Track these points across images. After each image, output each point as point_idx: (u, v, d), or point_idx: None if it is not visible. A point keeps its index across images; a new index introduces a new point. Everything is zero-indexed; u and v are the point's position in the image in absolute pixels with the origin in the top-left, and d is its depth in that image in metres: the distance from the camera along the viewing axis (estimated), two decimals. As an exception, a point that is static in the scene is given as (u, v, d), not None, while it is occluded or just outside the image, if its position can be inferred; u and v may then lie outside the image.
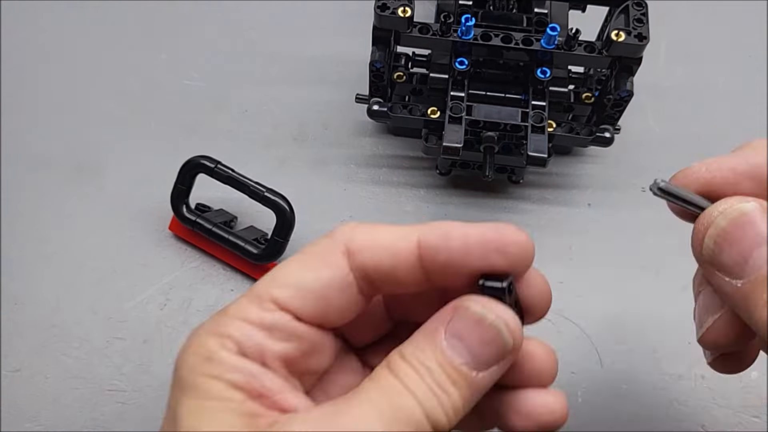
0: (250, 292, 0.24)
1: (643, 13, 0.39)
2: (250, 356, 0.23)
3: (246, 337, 0.23)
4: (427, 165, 0.48)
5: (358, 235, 0.24)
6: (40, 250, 0.44)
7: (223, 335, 0.23)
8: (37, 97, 0.50)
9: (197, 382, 0.23)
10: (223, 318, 0.24)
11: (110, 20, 0.53)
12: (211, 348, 0.23)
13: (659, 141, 0.50)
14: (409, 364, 0.23)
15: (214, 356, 0.23)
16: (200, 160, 0.41)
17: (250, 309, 0.24)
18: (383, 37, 0.40)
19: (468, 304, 0.23)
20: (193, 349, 0.23)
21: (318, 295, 0.24)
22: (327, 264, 0.24)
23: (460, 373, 0.23)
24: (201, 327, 0.24)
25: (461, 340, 0.23)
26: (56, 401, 0.39)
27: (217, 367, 0.23)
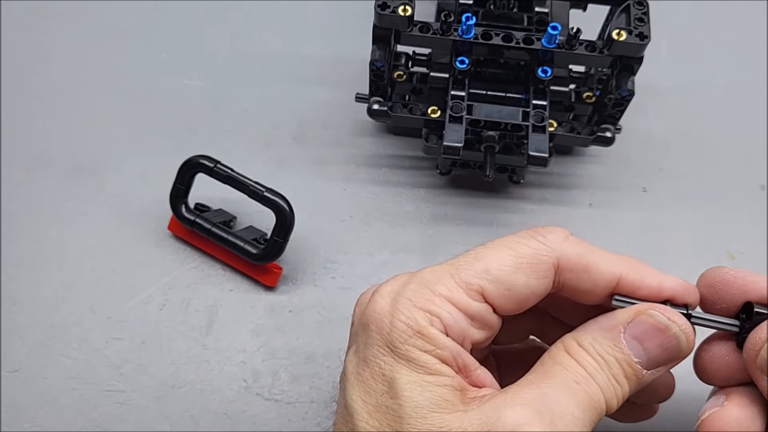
0: (456, 273, 0.26)
1: (644, 13, 0.39)
2: (453, 337, 0.26)
3: (453, 321, 0.26)
4: (427, 165, 0.48)
5: (571, 252, 0.27)
6: (38, 250, 0.43)
7: (432, 313, 0.25)
8: (37, 97, 0.50)
9: (412, 355, 0.25)
10: (429, 293, 0.26)
11: (110, 20, 0.53)
12: (422, 323, 0.25)
13: (660, 141, 0.50)
14: (588, 353, 0.25)
15: (425, 332, 0.25)
16: (199, 160, 0.41)
17: (459, 293, 0.26)
18: (383, 36, 0.40)
19: (652, 313, 0.26)
20: (404, 320, 0.25)
21: (522, 298, 0.26)
22: (539, 273, 0.26)
23: (634, 369, 0.26)
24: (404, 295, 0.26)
25: (640, 342, 0.26)
26: (55, 401, 0.39)
27: (429, 344, 0.25)
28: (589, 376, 0.25)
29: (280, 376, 0.40)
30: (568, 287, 0.27)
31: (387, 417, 0.25)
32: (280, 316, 0.42)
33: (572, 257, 0.27)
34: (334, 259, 0.44)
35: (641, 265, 0.27)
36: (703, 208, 0.47)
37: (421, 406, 0.24)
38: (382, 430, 0.25)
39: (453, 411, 0.24)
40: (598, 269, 0.27)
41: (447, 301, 0.26)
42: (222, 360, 0.40)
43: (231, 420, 0.39)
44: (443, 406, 0.25)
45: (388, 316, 0.26)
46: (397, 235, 0.45)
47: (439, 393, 0.25)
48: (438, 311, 0.26)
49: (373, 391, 0.26)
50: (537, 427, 0.23)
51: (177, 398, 0.39)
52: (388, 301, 0.26)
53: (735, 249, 0.45)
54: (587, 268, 0.27)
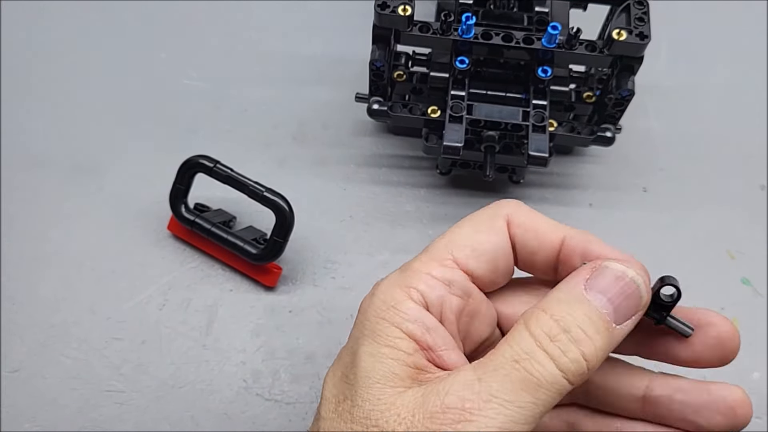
0: (429, 253, 0.28)
1: (645, 12, 0.39)
2: (432, 308, 0.27)
3: (430, 288, 0.27)
4: (427, 165, 0.48)
5: (520, 212, 0.28)
6: (38, 250, 0.43)
7: (410, 286, 0.27)
8: (37, 97, 0.50)
9: (379, 327, 0.26)
10: (408, 272, 0.27)
11: (110, 20, 0.53)
12: (398, 298, 0.26)
13: (661, 140, 0.50)
14: (552, 317, 0.25)
15: (399, 305, 0.26)
16: (199, 160, 0.41)
17: (433, 265, 0.27)
18: (383, 36, 0.40)
19: (608, 264, 0.26)
20: (381, 297, 0.27)
21: (489, 257, 0.28)
22: (494, 229, 0.28)
23: (605, 321, 0.25)
24: (387, 280, 0.27)
25: (603, 294, 0.25)
26: (55, 402, 0.39)
27: (399, 315, 0.26)
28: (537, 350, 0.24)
29: (280, 376, 0.40)
30: (519, 246, 0.28)
31: (344, 386, 0.26)
32: (280, 316, 0.42)
33: (522, 216, 0.28)
34: (334, 259, 0.44)
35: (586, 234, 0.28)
36: (703, 208, 0.47)
37: (370, 376, 0.25)
38: (339, 398, 0.26)
39: (396, 386, 0.25)
40: (543, 228, 0.28)
41: (424, 273, 0.27)
42: (222, 360, 0.40)
43: (231, 420, 0.39)
44: (390, 380, 0.25)
45: (369, 298, 0.27)
46: (397, 235, 0.45)
47: (390, 366, 0.25)
48: (414, 283, 0.27)
49: (342, 364, 0.27)
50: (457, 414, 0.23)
51: (177, 398, 0.39)
52: (376, 290, 0.28)
53: (735, 249, 0.45)
54: (533, 226, 0.28)
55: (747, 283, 0.44)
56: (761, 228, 0.46)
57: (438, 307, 0.27)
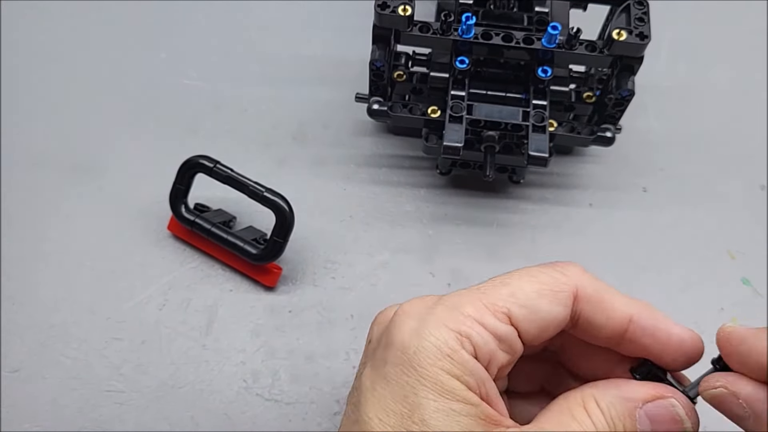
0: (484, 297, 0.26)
1: (645, 12, 0.39)
2: (480, 361, 0.25)
3: (483, 342, 0.25)
4: (427, 165, 0.48)
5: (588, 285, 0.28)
6: (38, 250, 0.43)
7: (462, 334, 0.25)
8: (36, 97, 0.50)
9: (439, 379, 0.24)
10: (459, 315, 0.26)
11: (110, 20, 0.53)
12: (453, 346, 0.25)
13: (661, 140, 0.50)
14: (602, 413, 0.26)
15: (455, 355, 0.25)
16: (199, 160, 0.41)
17: (487, 315, 0.26)
18: (383, 36, 0.40)
19: (674, 402, 0.27)
20: (433, 342, 0.25)
21: (545, 324, 0.27)
22: (560, 300, 0.27)
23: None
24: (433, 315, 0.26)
25: (652, 423, 0.26)
26: (55, 402, 0.39)
27: (458, 367, 0.25)
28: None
29: (280, 376, 0.40)
30: (583, 319, 0.28)
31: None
32: (279, 316, 0.42)
33: (589, 289, 0.28)
34: (334, 259, 0.44)
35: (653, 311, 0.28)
36: (703, 208, 0.47)
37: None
38: None
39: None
40: (612, 305, 0.28)
41: (477, 322, 0.26)
42: (222, 360, 0.40)
43: (231, 420, 0.39)
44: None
45: (416, 337, 0.25)
46: (397, 235, 0.45)
47: (465, 423, 0.24)
48: (468, 332, 0.25)
49: (393, 412, 0.25)
50: None
51: (177, 398, 0.39)
52: (416, 321, 0.26)
53: (735, 249, 0.45)
54: (602, 301, 0.28)
55: (747, 283, 0.44)
56: (761, 228, 0.46)
57: (486, 361, 0.26)
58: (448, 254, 0.44)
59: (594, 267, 0.44)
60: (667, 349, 0.28)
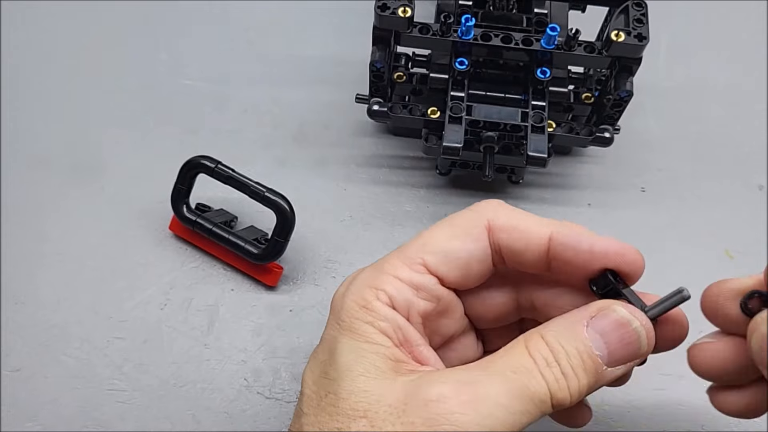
0: (401, 253, 0.28)
1: (643, 14, 0.39)
2: (399, 310, 0.27)
3: (397, 291, 0.27)
4: (427, 165, 0.48)
5: (501, 215, 0.28)
6: (40, 250, 0.44)
7: (378, 288, 0.27)
8: (37, 97, 0.50)
9: (354, 326, 0.27)
10: (378, 273, 0.28)
11: (110, 20, 0.53)
12: (368, 298, 0.27)
13: (659, 141, 0.50)
14: (548, 344, 0.26)
15: (369, 305, 0.27)
16: (200, 160, 0.41)
17: (403, 269, 0.28)
18: (383, 37, 0.40)
19: (615, 308, 0.27)
20: (353, 297, 0.27)
21: (462, 263, 0.28)
22: (472, 236, 0.28)
23: (594, 362, 0.26)
24: (358, 278, 0.28)
25: (602, 336, 0.26)
26: (56, 401, 0.39)
27: (371, 314, 0.27)
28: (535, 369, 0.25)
29: (281, 375, 0.40)
30: (504, 249, 0.28)
31: (325, 382, 0.27)
32: (280, 315, 0.42)
33: (502, 219, 0.28)
34: (334, 259, 0.44)
35: (574, 226, 0.28)
36: (702, 208, 0.47)
37: (352, 369, 0.26)
38: (320, 394, 0.26)
39: (381, 378, 0.26)
40: (527, 227, 0.28)
41: (392, 276, 0.27)
42: (223, 359, 0.41)
43: (232, 419, 0.39)
44: (372, 372, 0.26)
45: (341, 297, 0.28)
46: (397, 235, 0.45)
47: (371, 359, 0.26)
48: (383, 285, 0.27)
49: (319, 362, 0.28)
50: (452, 404, 0.24)
51: (178, 397, 0.39)
52: (345, 286, 0.29)
53: (733, 249, 0.46)
54: (516, 227, 0.28)
55: (745, 283, 0.44)
56: (760, 228, 0.46)
57: (405, 309, 0.27)
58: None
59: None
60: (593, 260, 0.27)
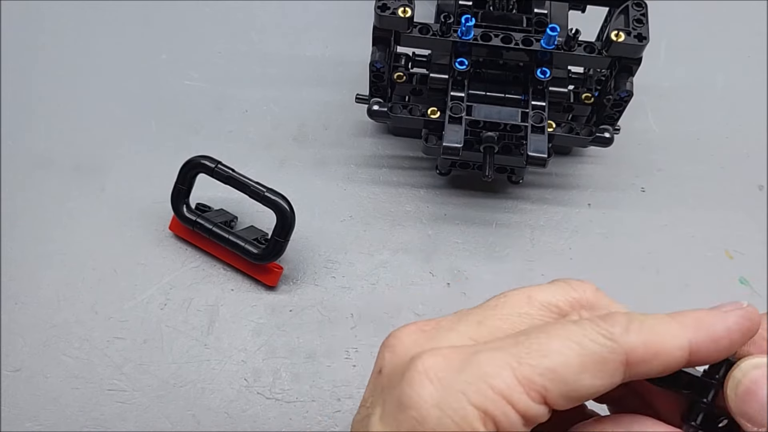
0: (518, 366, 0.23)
1: (643, 14, 0.39)
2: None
3: (509, 424, 0.22)
4: (427, 165, 0.48)
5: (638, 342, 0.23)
6: (40, 250, 0.44)
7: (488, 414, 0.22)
8: (38, 97, 0.50)
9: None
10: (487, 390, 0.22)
11: (110, 20, 0.53)
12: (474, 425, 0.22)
13: (659, 141, 0.50)
14: None
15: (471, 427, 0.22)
16: (200, 160, 0.41)
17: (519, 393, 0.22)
18: (383, 38, 0.40)
19: None
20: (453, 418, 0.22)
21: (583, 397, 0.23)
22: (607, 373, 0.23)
23: None
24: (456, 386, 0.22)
25: None
26: (56, 401, 0.39)
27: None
28: None
29: (281, 375, 0.40)
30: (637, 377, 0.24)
31: None
32: (280, 315, 0.42)
33: (640, 348, 0.23)
34: (334, 259, 0.44)
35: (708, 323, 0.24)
36: (702, 209, 0.47)
37: None
38: None
39: None
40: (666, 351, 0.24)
41: (504, 400, 0.22)
42: (223, 359, 0.41)
43: (232, 419, 0.39)
44: None
45: (436, 409, 0.22)
46: (397, 235, 0.45)
47: None
48: (494, 412, 0.22)
49: None
50: None
51: (178, 397, 0.40)
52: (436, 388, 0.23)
53: (733, 249, 0.46)
54: (656, 355, 0.23)
55: (745, 283, 0.44)
56: (759, 228, 0.46)
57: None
58: (448, 254, 0.45)
59: (593, 267, 0.45)
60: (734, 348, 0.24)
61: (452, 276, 0.44)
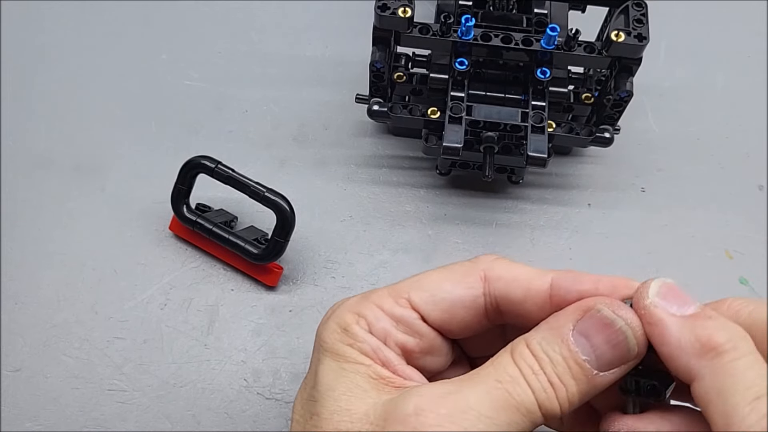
0: (392, 288, 0.29)
1: (643, 14, 0.39)
2: (376, 336, 0.28)
3: (375, 319, 0.28)
4: (427, 165, 0.48)
5: (498, 266, 0.28)
6: (40, 250, 0.44)
7: (359, 314, 0.28)
8: (38, 97, 0.50)
9: (335, 347, 0.27)
10: (362, 301, 0.28)
11: (110, 20, 0.53)
12: (348, 321, 0.28)
13: (659, 141, 0.50)
14: (533, 353, 0.25)
15: (349, 328, 0.28)
16: (200, 161, 0.41)
17: (387, 300, 0.28)
18: (383, 38, 0.40)
19: (599, 307, 0.25)
20: (335, 321, 0.28)
21: (447, 305, 0.28)
22: (465, 283, 0.28)
23: (583, 368, 0.25)
24: (344, 304, 0.29)
25: (588, 339, 0.25)
26: (56, 401, 0.39)
27: (351, 337, 0.27)
28: (520, 377, 0.24)
29: (281, 375, 0.40)
30: (502, 299, 0.28)
31: (309, 404, 0.27)
32: (280, 315, 0.42)
33: (499, 269, 0.28)
34: (334, 259, 0.44)
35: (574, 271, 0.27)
36: (702, 209, 0.47)
37: (334, 388, 0.26)
38: (306, 416, 0.27)
39: (364, 396, 0.26)
40: (527, 276, 0.27)
41: (374, 305, 0.28)
42: (223, 359, 0.41)
43: (232, 419, 0.39)
44: (354, 391, 0.26)
45: (325, 321, 0.29)
46: (396, 235, 0.45)
47: (353, 378, 0.26)
48: (363, 312, 0.28)
49: (306, 385, 0.28)
50: (431, 418, 0.23)
51: (178, 397, 0.40)
52: (331, 311, 0.29)
53: (733, 249, 0.46)
54: (516, 277, 0.27)
55: (745, 283, 0.44)
56: (759, 228, 0.46)
57: (382, 337, 0.28)
58: (448, 254, 0.45)
59: (592, 267, 0.45)
60: None
61: (452, 276, 0.44)
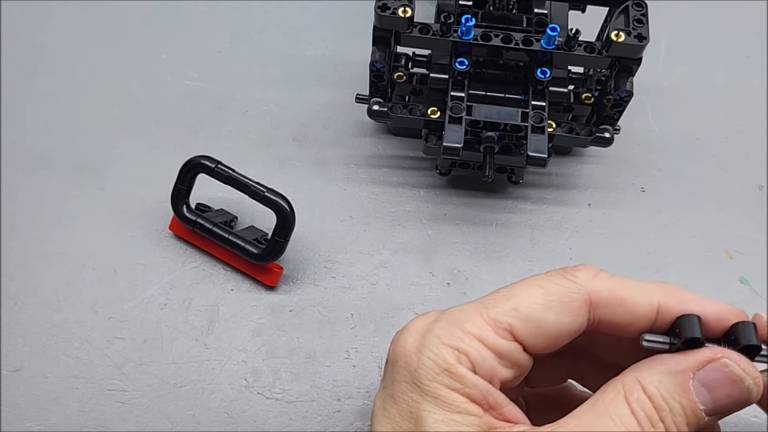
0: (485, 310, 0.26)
1: (643, 14, 0.39)
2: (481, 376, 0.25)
3: (482, 359, 0.25)
4: (427, 165, 0.48)
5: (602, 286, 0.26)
6: (40, 250, 0.44)
7: (460, 350, 0.25)
8: (38, 97, 0.50)
9: (439, 392, 0.25)
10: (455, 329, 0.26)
11: (110, 20, 0.53)
12: (449, 361, 0.25)
13: (659, 141, 0.50)
14: (651, 398, 0.24)
15: (453, 369, 0.25)
16: (200, 160, 0.41)
17: (487, 331, 0.25)
18: (383, 38, 0.40)
19: (727, 362, 0.25)
20: (431, 356, 0.25)
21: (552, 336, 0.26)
22: (571, 311, 0.26)
23: (698, 416, 0.25)
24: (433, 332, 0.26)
25: (710, 391, 0.25)
26: (56, 401, 0.39)
27: (457, 382, 0.25)
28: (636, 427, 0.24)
29: (281, 375, 0.40)
30: (605, 323, 0.26)
31: None
32: (280, 315, 0.42)
33: (604, 292, 0.26)
34: (334, 259, 0.44)
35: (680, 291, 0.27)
36: (702, 208, 0.47)
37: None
38: None
39: None
40: (633, 301, 0.26)
41: (475, 339, 0.25)
42: (223, 359, 0.41)
43: (232, 419, 0.39)
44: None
45: (416, 353, 0.26)
46: (396, 235, 0.45)
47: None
48: (466, 348, 0.25)
49: (400, 428, 0.26)
50: None
51: (178, 397, 0.40)
52: (416, 338, 0.26)
53: (733, 249, 0.46)
54: (622, 301, 0.26)
55: (745, 283, 0.44)
56: (759, 228, 0.46)
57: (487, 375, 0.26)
58: (448, 254, 0.45)
59: (593, 267, 0.44)
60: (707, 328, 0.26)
61: (452, 276, 0.44)
